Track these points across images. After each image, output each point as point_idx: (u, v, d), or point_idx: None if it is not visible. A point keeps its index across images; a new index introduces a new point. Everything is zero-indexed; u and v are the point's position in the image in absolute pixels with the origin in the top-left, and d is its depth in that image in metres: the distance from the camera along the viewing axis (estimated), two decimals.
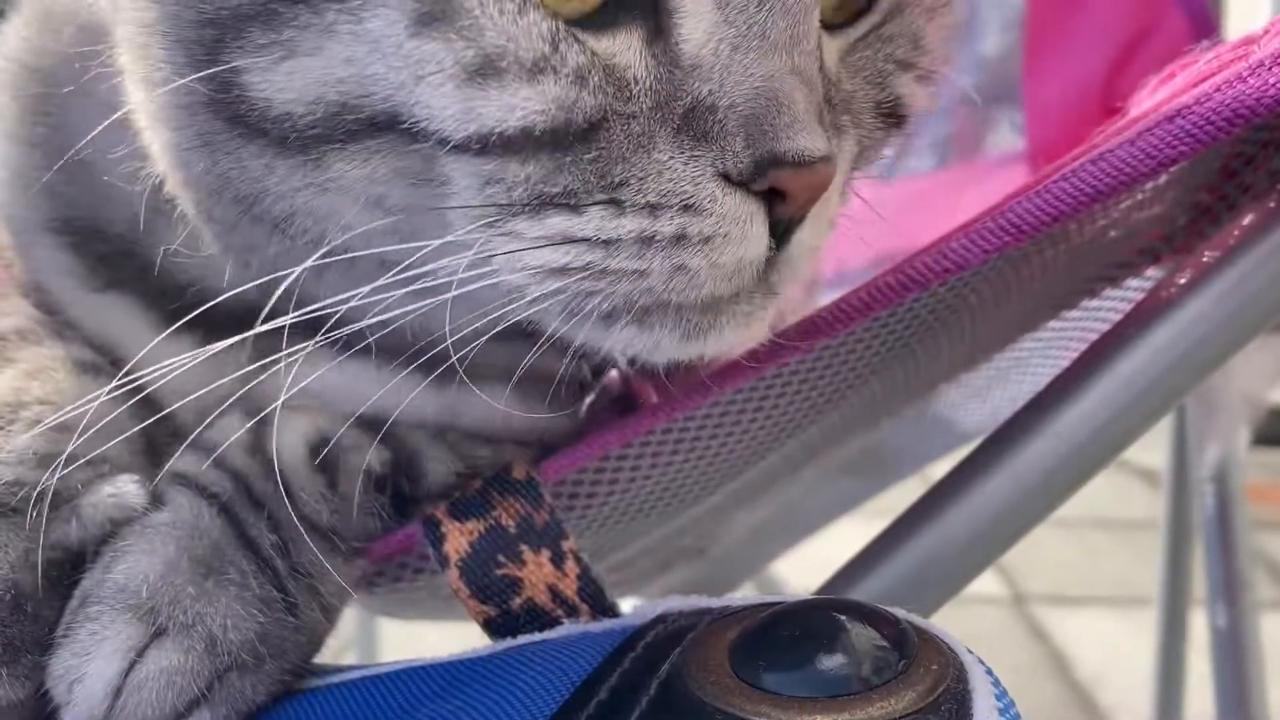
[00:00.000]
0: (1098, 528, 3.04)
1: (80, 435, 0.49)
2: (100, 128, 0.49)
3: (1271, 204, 0.46)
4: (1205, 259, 0.47)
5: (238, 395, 0.53)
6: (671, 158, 0.43)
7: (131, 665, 0.44)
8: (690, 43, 0.43)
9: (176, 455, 0.52)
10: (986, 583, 2.61)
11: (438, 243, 0.44)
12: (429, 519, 0.51)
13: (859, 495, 0.87)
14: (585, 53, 0.42)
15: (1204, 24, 1.11)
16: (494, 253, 0.44)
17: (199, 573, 0.47)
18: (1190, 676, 1.34)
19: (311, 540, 0.50)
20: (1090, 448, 0.48)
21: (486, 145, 0.42)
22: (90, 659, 0.44)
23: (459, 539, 0.50)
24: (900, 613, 0.39)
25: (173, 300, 0.53)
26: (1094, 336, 0.62)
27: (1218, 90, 0.42)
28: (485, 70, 0.41)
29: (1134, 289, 0.59)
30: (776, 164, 0.42)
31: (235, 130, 0.44)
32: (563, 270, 0.44)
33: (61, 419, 0.50)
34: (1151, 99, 0.49)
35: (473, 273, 0.43)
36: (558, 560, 0.49)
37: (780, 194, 0.43)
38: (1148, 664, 1.39)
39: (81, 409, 0.51)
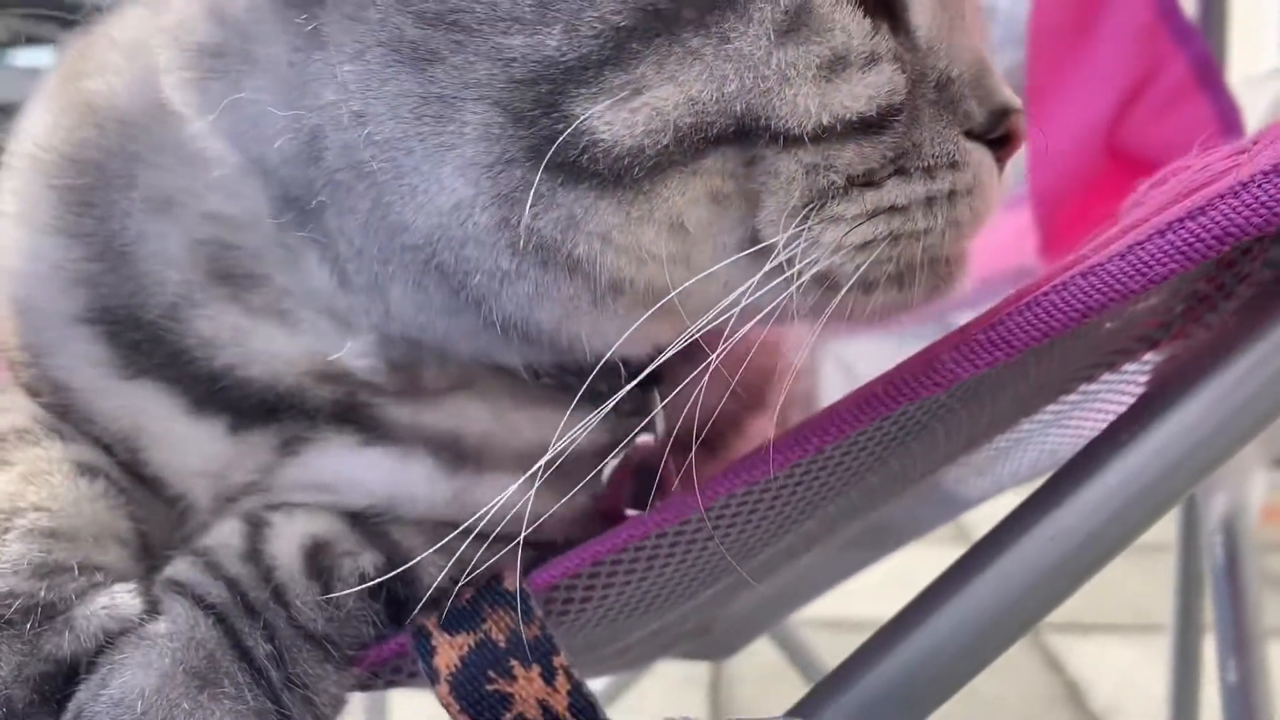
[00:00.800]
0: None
1: (74, 544, 0.49)
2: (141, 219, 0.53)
3: (1263, 300, 0.45)
4: (1201, 359, 0.46)
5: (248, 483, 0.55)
6: (934, 124, 0.49)
7: None
8: (923, 30, 0.49)
9: (172, 562, 0.52)
10: None
11: (730, 260, 0.47)
12: (420, 630, 0.50)
13: (863, 563, 0.87)
14: (890, 42, 0.48)
15: (1205, 68, 1.11)
16: (822, 237, 0.47)
17: (194, 685, 0.46)
18: (1205, 708, 1.34)
19: (306, 649, 0.50)
20: (1084, 554, 0.47)
21: (825, 134, 0.46)
22: None
23: (449, 653, 0.49)
24: None
25: (201, 386, 0.54)
26: (1093, 417, 0.62)
27: (1210, 205, 0.41)
28: (835, 65, 0.46)
29: (1133, 373, 0.58)
30: (1004, 114, 0.50)
31: (556, 179, 0.45)
32: (870, 243, 0.48)
33: (56, 526, 0.50)
34: (1144, 206, 0.48)
35: (804, 263, 0.47)
36: (548, 676, 0.48)
37: (1000, 141, 0.51)
38: (1163, 693, 1.38)
39: (77, 516, 0.51)
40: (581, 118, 0.43)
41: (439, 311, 0.50)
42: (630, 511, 0.55)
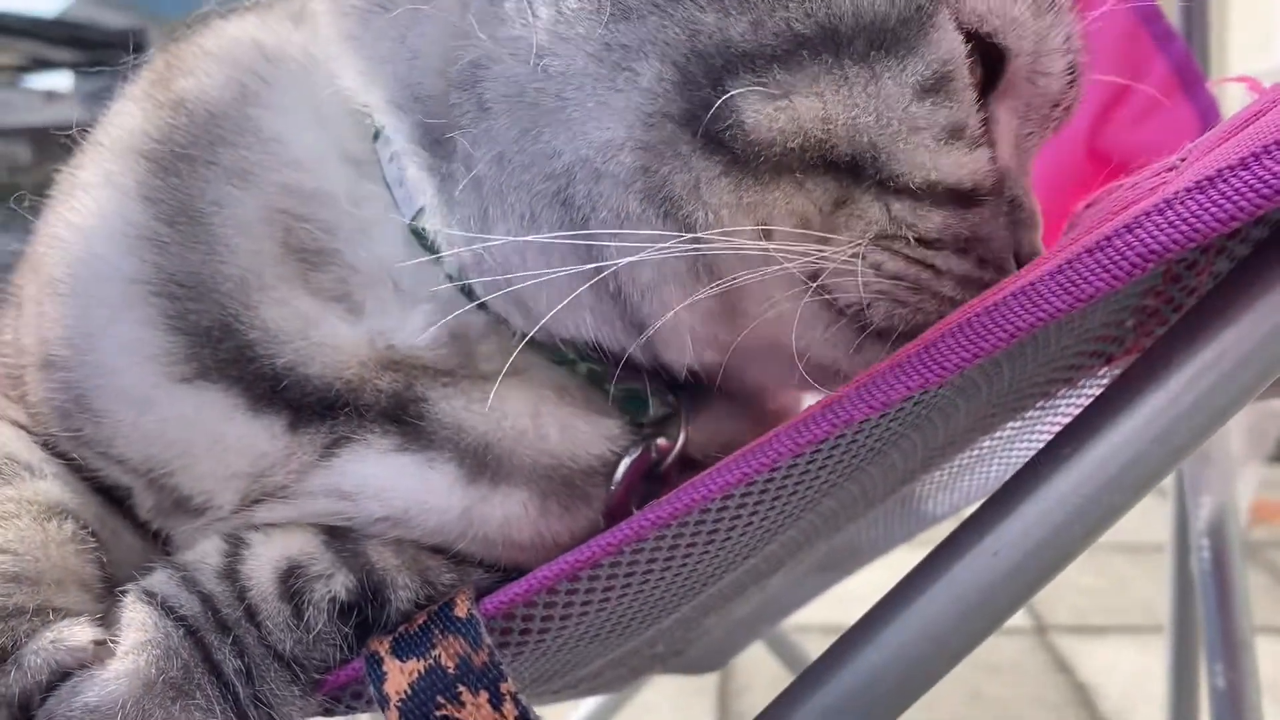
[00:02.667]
0: (1121, 552, 3.01)
1: (36, 587, 0.50)
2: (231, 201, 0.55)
3: (1197, 317, 0.45)
4: (1140, 372, 0.46)
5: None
6: (1000, 230, 0.54)
7: None
8: (1002, 155, 0.55)
9: (149, 574, 0.53)
10: None
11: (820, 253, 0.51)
12: (373, 656, 0.51)
13: (832, 581, 0.87)
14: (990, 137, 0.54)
15: (1188, 72, 1.10)
16: (881, 262, 0.52)
17: (169, 696, 0.47)
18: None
19: (275, 669, 0.51)
20: (1028, 567, 0.47)
21: (924, 192, 0.51)
22: None
23: (399, 679, 0.49)
24: None
25: (261, 385, 0.55)
26: (1054, 432, 0.61)
27: (1136, 223, 0.41)
28: (953, 133, 0.51)
29: (1090, 388, 0.58)
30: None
31: (697, 144, 0.49)
32: (897, 281, 0.52)
33: (19, 570, 0.51)
34: (1078, 226, 0.48)
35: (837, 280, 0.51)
36: (496, 702, 0.48)
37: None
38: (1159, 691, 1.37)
39: (43, 559, 0.52)
40: (736, 96, 0.48)
41: (540, 252, 0.52)
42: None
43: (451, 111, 0.52)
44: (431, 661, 0.49)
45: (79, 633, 0.48)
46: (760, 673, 2.04)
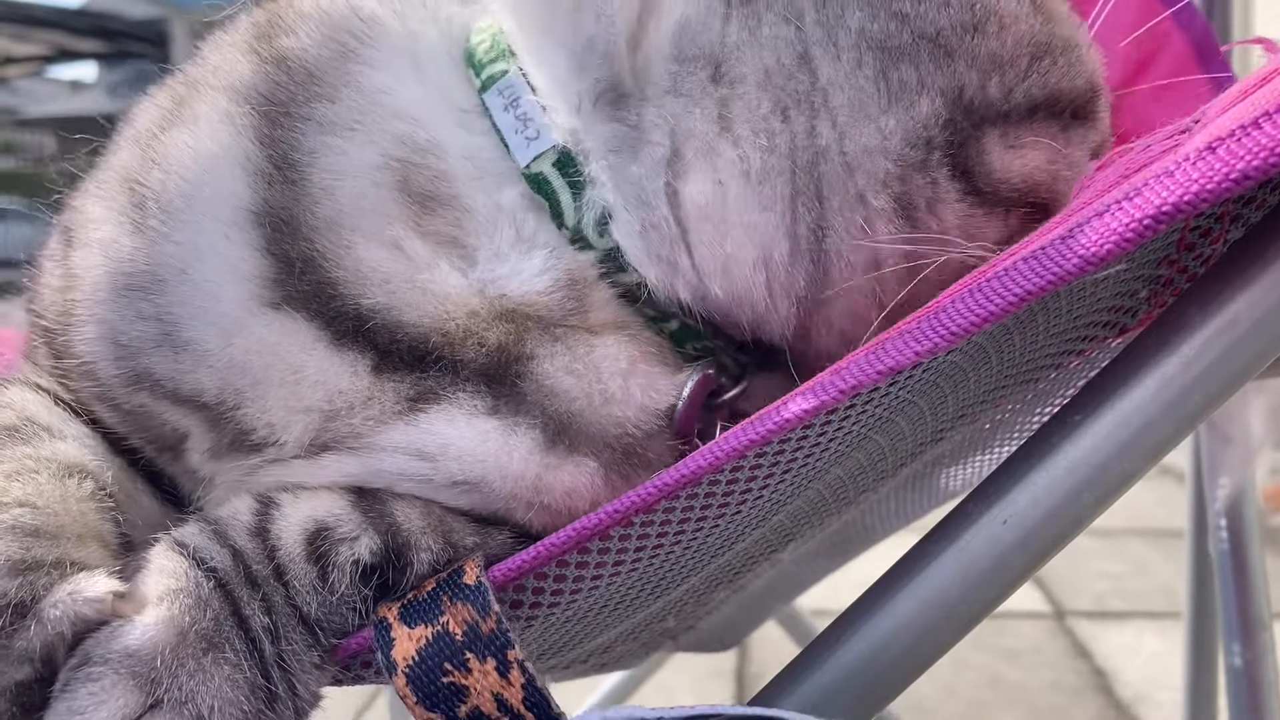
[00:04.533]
0: (1140, 537, 3.00)
1: (55, 540, 0.50)
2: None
3: (1210, 282, 0.45)
4: (1150, 340, 0.46)
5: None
6: None
7: None
8: None
9: (179, 527, 0.53)
10: (1027, 599, 2.58)
11: None
12: (381, 622, 0.51)
13: (847, 559, 0.86)
14: None
15: (1207, 47, 1.09)
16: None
17: (200, 647, 0.48)
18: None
19: (299, 631, 0.51)
20: (1038, 536, 0.47)
21: None
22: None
23: (407, 645, 0.49)
24: None
25: (342, 323, 0.56)
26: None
27: (1146, 186, 0.41)
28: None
29: (1104, 360, 0.58)
30: None
31: (945, 167, 0.57)
32: None
33: (39, 523, 0.51)
34: (1089, 189, 0.47)
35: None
36: (503, 670, 0.48)
37: None
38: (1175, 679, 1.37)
39: (63, 514, 0.52)
40: (986, 140, 0.57)
41: (741, 209, 0.57)
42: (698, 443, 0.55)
43: (651, 76, 0.58)
44: (440, 628, 0.49)
45: (97, 583, 0.48)
46: (778, 655, 2.03)
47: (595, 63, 0.58)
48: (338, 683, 0.55)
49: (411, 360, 0.56)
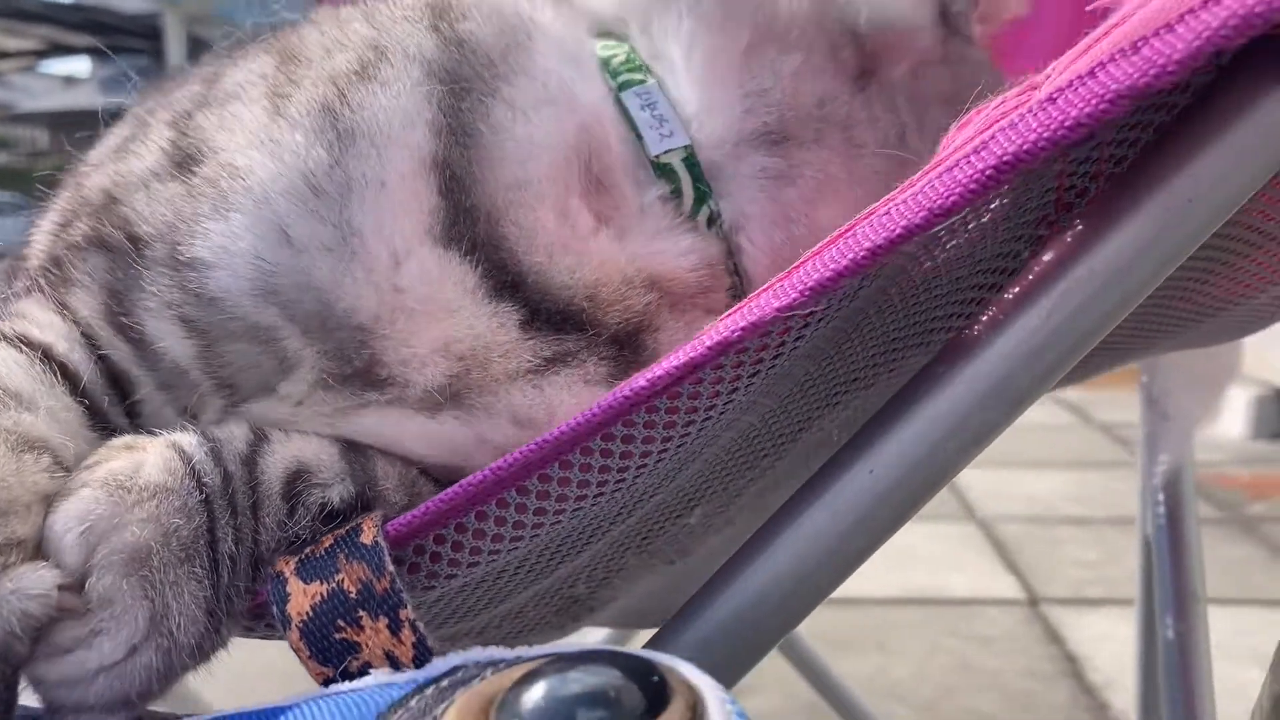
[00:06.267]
0: (1116, 525, 3.01)
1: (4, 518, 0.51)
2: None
3: (1069, 239, 0.46)
4: (1012, 295, 0.47)
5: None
6: None
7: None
8: None
9: (180, 430, 0.55)
10: (1001, 586, 2.60)
11: None
12: (278, 575, 0.52)
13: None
14: None
15: None
16: None
17: (179, 556, 0.50)
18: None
19: (252, 569, 0.53)
20: (904, 486, 0.48)
21: None
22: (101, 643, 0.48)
23: (302, 600, 0.51)
24: (664, 660, 0.39)
25: (499, 276, 0.60)
26: None
27: (992, 138, 0.42)
28: None
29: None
30: None
31: None
32: None
33: None
34: (948, 148, 0.49)
35: None
36: (394, 628, 0.49)
37: None
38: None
39: (17, 486, 0.52)
40: None
41: None
42: None
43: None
44: (335, 585, 0.50)
45: (39, 579, 0.48)
46: None
47: (763, 109, 0.66)
48: (247, 631, 0.56)
49: (554, 322, 0.60)
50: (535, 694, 0.38)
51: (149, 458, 0.53)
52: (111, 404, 0.61)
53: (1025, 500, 3.33)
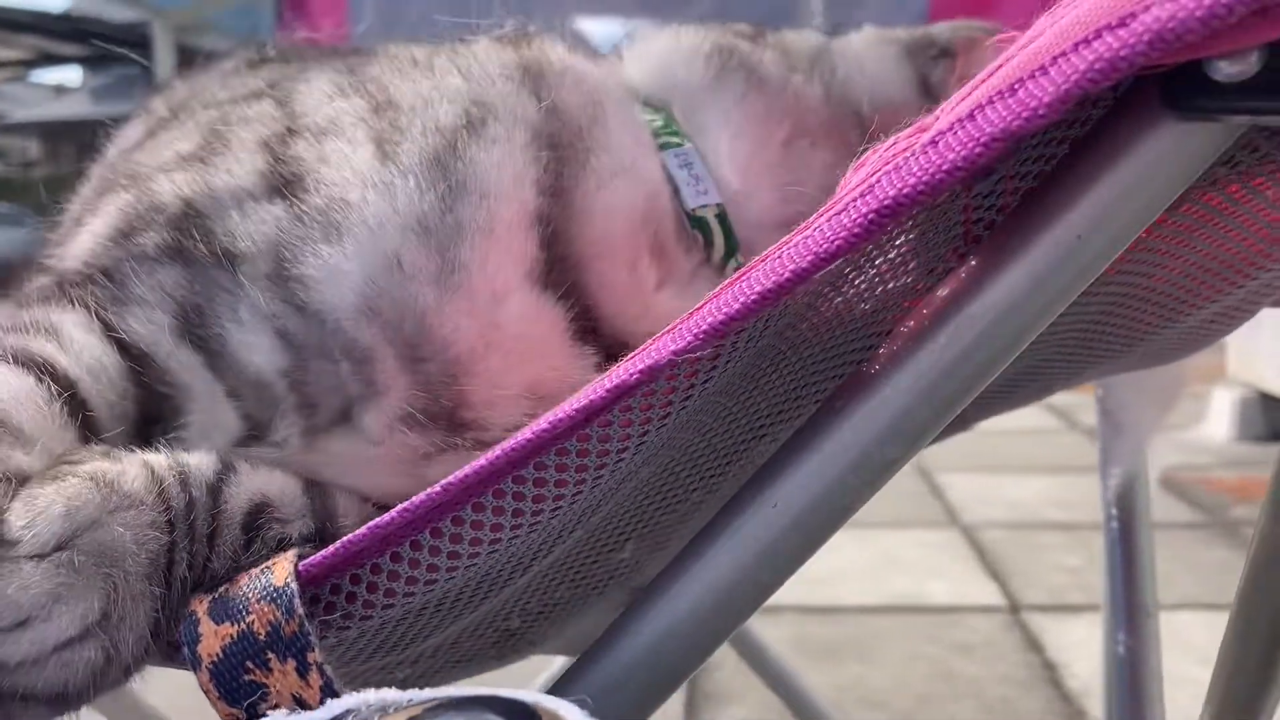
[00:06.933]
0: (1101, 531, 2.99)
1: None
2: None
3: (964, 274, 0.46)
4: (910, 329, 0.47)
5: None
6: None
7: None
8: None
9: (152, 451, 0.56)
10: (982, 593, 2.60)
11: None
12: (190, 615, 0.52)
13: None
14: None
15: None
16: None
17: (145, 570, 0.51)
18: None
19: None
20: (807, 520, 0.48)
21: None
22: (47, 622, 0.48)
23: (213, 642, 0.51)
24: (547, 703, 0.39)
25: (581, 322, 0.66)
26: None
27: (878, 182, 0.42)
28: None
29: None
30: None
31: None
32: None
33: None
34: (844, 187, 0.49)
35: None
36: (303, 670, 0.49)
37: None
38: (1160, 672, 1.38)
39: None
40: None
41: None
42: None
43: None
44: (244, 626, 0.50)
45: None
46: (731, 654, 2.04)
47: (796, 198, 0.72)
48: (167, 659, 0.56)
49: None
50: None
51: (129, 469, 0.53)
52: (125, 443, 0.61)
53: (1008, 506, 3.33)
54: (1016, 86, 0.39)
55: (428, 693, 0.43)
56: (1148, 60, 0.36)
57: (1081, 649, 2.32)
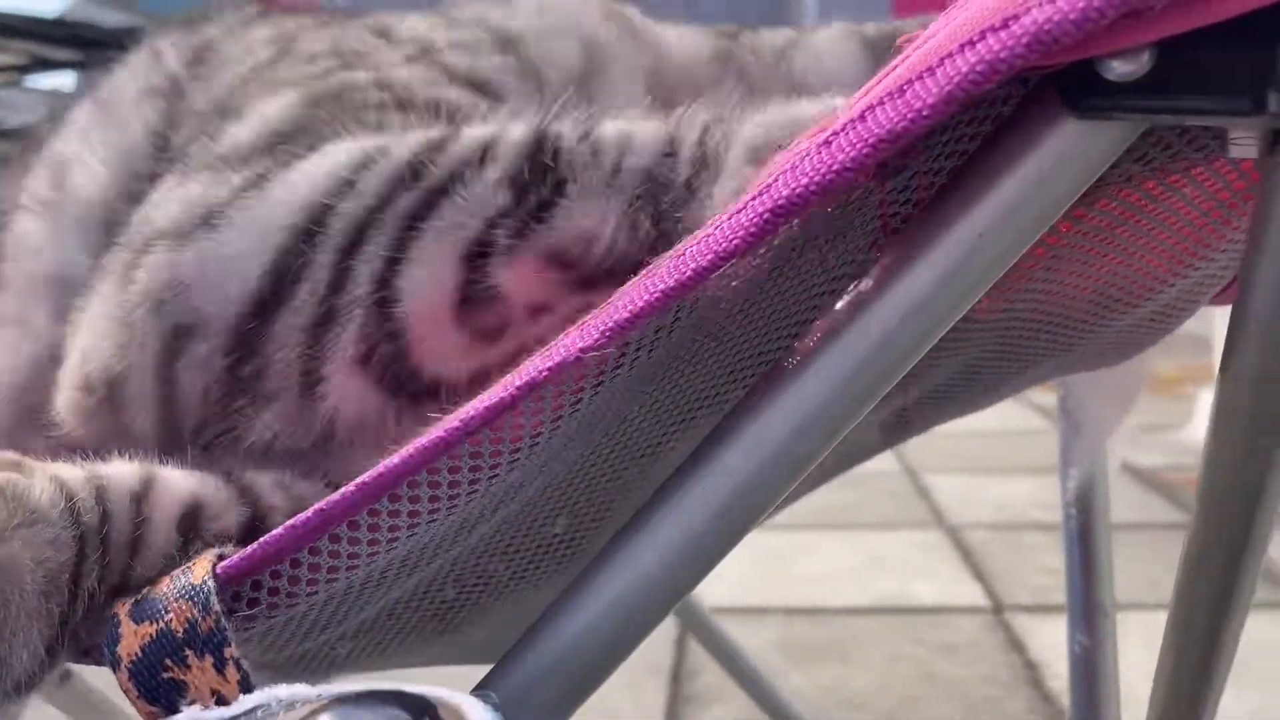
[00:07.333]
0: None
1: None
2: None
3: (876, 270, 0.46)
4: (824, 326, 0.48)
5: None
6: None
7: None
8: None
9: (65, 465, 0.56)
10: (967, 593, 2.60)
11: None
12: (113, 618, 0.52)
13: None
14: None
15: None
16: None
17: (41, 588, 0.51)
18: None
19: (101, 608, 0.54)
20: (730, 511, 0.48)
21: None
22: None
23: (132, 641, 0.51)
24: (448, 697, 0.40)
25: None
26: None
27: (776, 181, 0.42)
28: None
29: None
30: None
31: None
32: None
33: None
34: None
35: None
36: (220, 666, 0.50)
37: None
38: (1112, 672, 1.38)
39: None
40: None
41: None
42: None
43: None
44: (163, 625, 0.51)
45: None
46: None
47: None
48: (84, 655, 0.56)
49: None
50: None
51: (36, 483, 0.53)
52: None
53: (995, 507, 3.33)
54: (905, 88, 0.39)
55: (336, 688, 0.44)
56: (1027, 62, 0.36)
57: (1063, 649, 2.31)
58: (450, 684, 0.45)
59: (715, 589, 2.69)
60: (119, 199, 0.78)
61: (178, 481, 0.59)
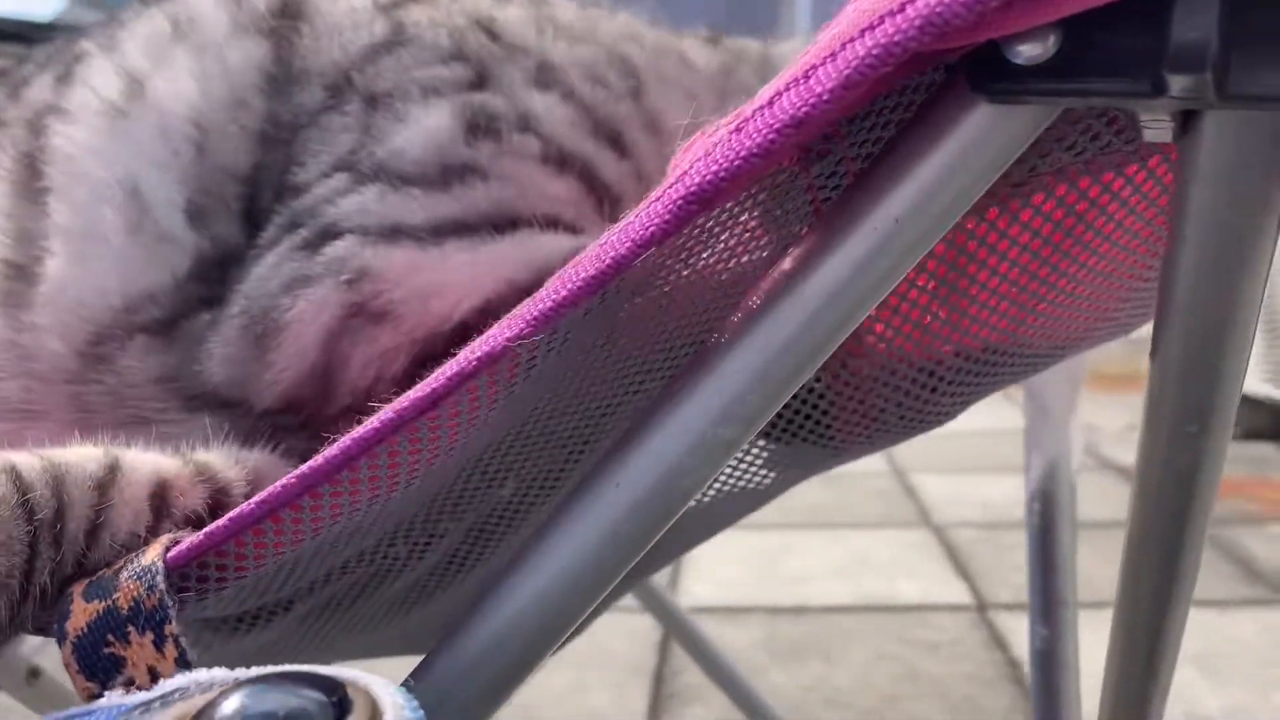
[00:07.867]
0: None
1: None
2: None
3: (794, 255, 0.47)
4: (745, 309, 0.48)
5: None
6: None
7: None
8: None
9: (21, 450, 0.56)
10: (951, 591, 2.61)
11: None
12: (67, 596, 0.53)
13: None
14: None
15: None
16: None
17: None
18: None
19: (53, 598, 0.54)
20: (650, 499, 0.49)
21: None
22: None
23: (80, 618, 0.52)
24: (360, 679, 0.40)
25: None
26: None
27: (692, 168, 0.43)
28: None
29: None
30: None
31: None
32: None
33: None
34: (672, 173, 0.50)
35: None
36: (159, 643, 0.51)
37: None
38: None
39: None
40: None
41: None
42: None
43: None
44: (110, 602, 0.52)
45: None
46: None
47: None
48: (41, 629, 0.57)
49: None
50: (219, 714, 0.39)
51: None
52: None
53: (981, 506, 3.34)
54: (809, 73, 0.40)
55: (253, 671, 0.44)
56: (921, 45, 0.37)
57: None
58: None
59: (701, 588, 2.69)
60: (214, 118, 0.78)
61: (146, 462, 0.60)
